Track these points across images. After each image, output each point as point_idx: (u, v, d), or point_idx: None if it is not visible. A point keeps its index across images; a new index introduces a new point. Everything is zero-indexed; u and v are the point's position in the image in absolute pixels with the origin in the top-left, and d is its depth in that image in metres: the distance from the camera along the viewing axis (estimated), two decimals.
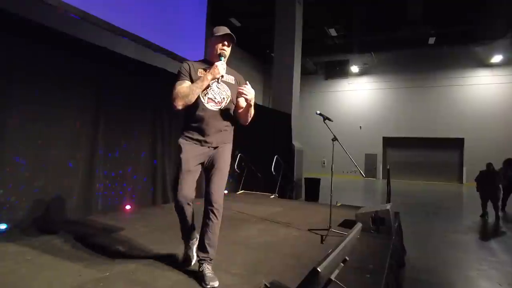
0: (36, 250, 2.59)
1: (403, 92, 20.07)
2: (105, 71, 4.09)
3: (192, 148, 2.18)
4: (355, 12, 14.36)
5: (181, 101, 2.09)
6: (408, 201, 10.77)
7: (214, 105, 2.19)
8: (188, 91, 2.09)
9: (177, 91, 2.10)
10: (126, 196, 4.38)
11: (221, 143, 2.26)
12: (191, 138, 2.19)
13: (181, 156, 2.16)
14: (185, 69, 2.18)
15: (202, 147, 2.20)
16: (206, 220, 2.17)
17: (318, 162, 20.80)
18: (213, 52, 2.23)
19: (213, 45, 2.23)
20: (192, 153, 2.17)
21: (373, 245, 3.18)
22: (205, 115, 2.16)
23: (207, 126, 2.17)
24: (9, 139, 3.14)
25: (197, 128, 2.18)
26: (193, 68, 2.19)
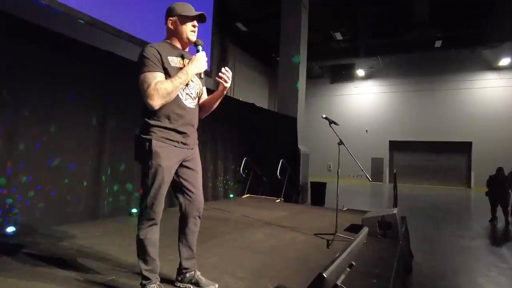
0: (43, 253, 2.61)
1: (409, 96, 19.96)
2: (112, 76, 4.13)
3: (172, 152, 1.83)
4: (361, 15, 14.35)
5: (161, 100, 1.72)
6: (415, 205, 10.66)
7: (191, 102, 1.91)
8: (171, 88, 1.73)
9: (156, 87, 1.70)
10: (131, 200, 4.40)
11: (195, 144, 2.01)
12: (169, 140, 1.82)
13: (161, 164, 1.78)
14: (154, 56, 1.76)
15: (181, 150, 1.88)
16: (192, 227, 2.03)
17: (324, 166, 20.72)
18: (182, 36, 1.89)
19: (182, 27, 1.88)
20: (173, 158, 1.84)
21: (379, 250, 3.15)
22: (184, 113, 1.86)
23: (186, 125, 1.88)
24: (18, 143, 3.19)
25: (175, 128, 1.83)
26: (162, 54, 1.79)
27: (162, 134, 1.81)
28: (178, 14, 1.87)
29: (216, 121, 6.05)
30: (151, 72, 1.74)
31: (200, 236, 3.21)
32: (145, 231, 1.85)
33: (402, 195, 9.93)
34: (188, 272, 2.05)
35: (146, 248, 1.85)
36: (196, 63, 1.84)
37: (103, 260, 2.51)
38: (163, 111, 1.80)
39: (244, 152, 7.02)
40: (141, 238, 1.85)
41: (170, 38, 1.94)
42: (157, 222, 1.89)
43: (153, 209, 1.83)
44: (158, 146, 1.79)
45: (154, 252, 1.89)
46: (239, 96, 13.74)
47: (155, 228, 1.89)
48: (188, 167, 1.96)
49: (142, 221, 1.86)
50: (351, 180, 18.35)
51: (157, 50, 1.78)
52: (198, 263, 2.52)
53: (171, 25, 1.90)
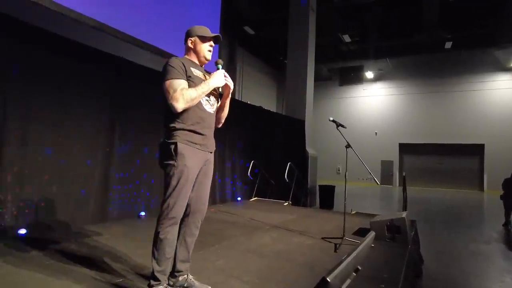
0: (54, 254, 2.65)
1: (419, 98, 19.72)
2: (122, 80, 4.19)
3: (196, 153, 1.97)
4: (369, 17, 14.28)
5: (185, 104, 1.88)
6: (426, 209, 10.50)
7: (210, 108, 2.08)
8: (195, 95, 1.91)
9: (181, 92, 1.87)
10: (141, 202, 4.44)
11: (213, 148, 2.14)
12: (193, 142, 1.96)
13: (186, 164, 1.91)
14: (179, 66, 1.96)
15: (203, 152, 2.02)
16: (193, 229, 2.08)
17: (333, 169, 20.58)
18: (201, 53, 2.10)
19: (201, 45, 2.09)
20: (197, 159, 1.98)
21: (388, 254, 3.11)
22: (204, 116, 2.03)
23: (206, 128, 2.03)
24: (30, 146, 3.26)
25: (197, 130, 1.98)
26: (186, 65, 1.99)
27: (186, 137, 1.95)
28: (197, 35, 2.09)
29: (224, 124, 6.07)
30: (177, 79, 1.92)
31: (207, 239, 3.24)
32: (166, 230, 1.91)
33: (412, 198, 9.78)
34: (181, 275, 2.06)
35: (164, 248, 1.90)
36: (217, 78, 2.04)
37: (112, 262, 2.54)
38: (186, 115, 1.95)
39: (251, 155, 7.03)
40: (161, 237, 1.90)
41: (190, 55, 2.14)
42: (177, 222, 1.96)
43: (175, 209, 1.91)
44: (183, 148, 1.92)
45: (170, 253, 1.94)
46: (246, 99, 13.78)
47: (175, 227, 1.96)
48: (204, 170, 2.07)
49: (163, 220, 1.91)
50: (361, 183, 18.18)
51: (181, 61, 1.99)
52: (204, 266, 2.54)
53: (191, 44, 2.12)
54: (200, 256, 2.71)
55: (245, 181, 6.95)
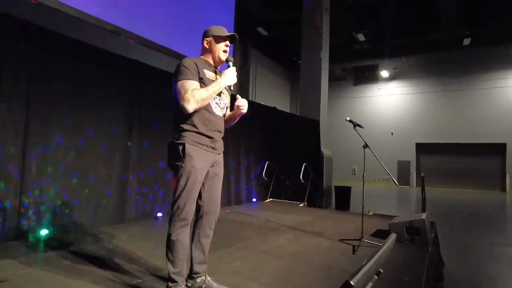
0: (73, 255, 2.70)
1: (436, 96, 19.28)
2: (139, 84, 4.25)
3: (203, 154, 1.97)
4: (384, 16, 14.06)
5: (196, 105, 1.88)
6: (446, 210, 10.25)
7: (220, 111, 2.07)
8: (205, 95, 1.90)
9: (192, 93, 1.86)
10: (158, 203, 4.49)
11: (221, 150, 2.14)
12: (200, 143, 1.96)
13: (194, 165, 1.91)
14: (192, 67, 1.94)
15: (210, 154, 2.02)
16: (208, 231, 2.08)
17: (349, 170, 20.34)
18: (216, 54, 2.08)
19: (216, 46, 2.07)
20: (204, 160, 1.98)
21: (408, 257, 3.04)
22: (213, 119, 2.01)
23: (214, 131, 2.03)
24: (51, 148, 3.34)
25: (205, 132, 1.98)
26: (199, 66, 1.98)
27: (193, 138, 1.95)
28: (213, 35, 2.07)
29: (238, 126, 6.06)
30: (189, 80, 1.91)
31: (223, 240, 3.24)
32: (177, 232, 1.91)
33: (430, 199, 9.56)
34: (198, 277, 2.06)
35: (177, 250, 1.91)
36: (228, 76, 2.02)
37: (130, 262, 2.57)
38: (195, 117, 1.95)
39: (266, 156, 7.01)
40: (173, 239, 1.90)
41: (205, 55, 2.12)
42: (188, 223, 1.96)
43: (186, 210, 1.91)
44: (190, 149, 1.92)
45: (183, 254, 1.94)
46: (260, 100, 13.78)
47: (186, 229, 1.95)
48: (213, 171, 2.07)
49: (174, 222, 1.91)
50: (377, 184, 17.89)
51: (195, 62, 1.98)
52: (220, 267, 2.53)
53: (207, 45, 2.10)
54: (216, 258, 2.71)
55: (260, 183, 6.93)
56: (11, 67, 3.05)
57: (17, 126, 3.08)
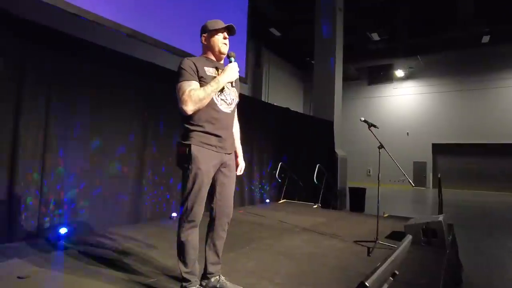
0: (89, 254, 2.76)
1: (454, 96, 18.86)
2: (153, 85, 4.32)
3: (210, 156, 1.92)
4: (399, 14, 13.84)
5: (194, 106, 1.84)
6: (464, 212, 10.00)
7: (227, 107, 2.00)
8: (203, 95, 1.85)
9: (189, 94, 1.84)
10: (173, 203, 4.55)
11: (232, 149, 2.09)
12: (207, 144, 1.92)
13: (200, 167, 1.87)
14: (190, 67, 1.91)
15: (218, 154, 1.97)
16: (221, 233, 2.06)
17: (363, 171, 20.10)
18: (215, 48, 2.02)
19: (214, 39, 2.02)
20: (211, 162, 1.93)
21: (424, 259, 2.98)
22: (220, 117, 1.96)
23: (222, 130, 1.97)
24: (70, 151, 3.43)
25: (212, 131, 1.93)
26: (198, 65, 1.94)
27: (200, 138, 1.91)
28: (209, 29, 2.02)
29: (251, 126, 6.10)
30: (187, 81, 1.89)
31: (236, 240, 3.26)
32: (186, 233, 1.93)
33: (448, 201, 9.35)
34: (213, 277, 2.07)
35: (187, 250, 1.92)
36: (228, 73, 1.96)
37: (145, 262, 2.61)
38: (200, 116, 1.91)
39: (279, 157, 7.00)
40: (182, 240, 1.92)
41: (206, 52, 2.08)
42: (197, 225, 1.96)
43: (193, 212, 1.91)
44: (197, 150, 1.89)
45: (194, 254, 1.95)
46: (273, 100, 13.77)
47: (195, 230, 1.96)
48: (223, 172, 2.03)
49: (183, 223, 1.93)
50: (392, 186, 17.62)
51: (193, 62, 1.93)
52: (235, 267, 2.55)
53: (205, 41, 2.06)
54: (230, 258, 2.72)
55: (273, 183, 6.93)
56: (33, 71, 3.15)
57: (38, 126, 3.18)
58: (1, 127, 2.94)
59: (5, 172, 2.96)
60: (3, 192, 2.94)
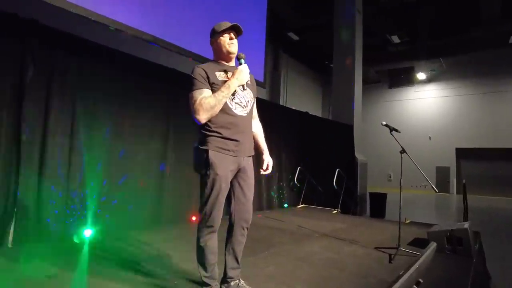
0: (114, 255, 2.83)
1: (478, 98, 18.21)
2: (174, 91, 4.41)
3: (228, 161, 1.92)
4: (420, 16, 13.54)
5: (206, 114, 1.85)
6: (490, 220, 9.62)
7: (242, 110, 1.98)
8: (214, 102, 1.84)
9: (200, 103, 1.84)
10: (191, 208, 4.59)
11: (250, 153, 2.07)
12: (224, 149, 1.91)
13: (218, 173, 1.87)
14: (200, 75, 1.91)
15: (236, 158, 1.95)
16: (239, 237, 2.05)
17: (384, 176, 19.67)
18: (222, 50, 2.00)
19: (220, 41, 1.99)
20: (228, 167, 1.92)
21: (450, 268, 2.89)
22: (235, 121, 1.94)
23: (239, 134, 1.95)
24: (94, 156, 3.54)
25: (228, 136, 1.92)
26: (208, 72, 1.93)
27: (217, 144, 1.90)
28: (216, 32, 2.01)
29: (270, 130, 6.08)
30: (198, 89, 1.89)
31: (255, 245, 3.26)
32: (205, 238, 1.94)
33: (473, 207, 9.03)
34: (232, 281, 2.07)
35: (206, 255, 1.94)
36: (238, 76, 1.93)
37: (165, 266, 2.65)
38: (216, 121, 1.91)
39: (298, 161, 6.97)
40: (201, 245, 1.94)
41: (215, 56, 2.09)
42: (215, 230, 1.97)
43: (212, 217, 1.92)
44: (214, 156, 1.89)
45: (213, 259, 1.97)
46: (292, 105, 13.72)
47: (214, 235, 1.97)
48: (241, 177, 2.03)
49: (202, 228, 1.95)
50: (414, 191, 17.16)
51: (203, 69, 1.93)
52: (254, 272, 2.55)
53: (213, 44, 2.07)
54: (249, 262, 2.72)
55: (291, 188, 6.89)
56: (60, 78, 3.28)
57: (64, 131, 3.31)
58: (32, 132, 3.07)
59: (36, 175, 3.09)
60: (31, 194, 3.07)
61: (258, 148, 2.23)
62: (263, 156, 2.22)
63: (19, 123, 2.97)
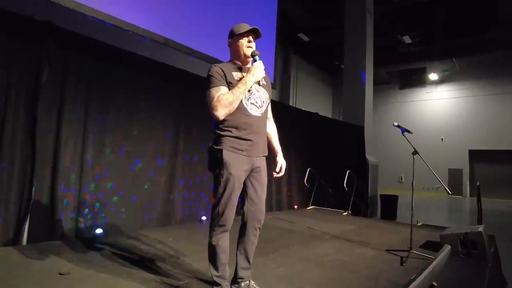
0: (122, 254, 2.85)
1: (491, 100, 17.83)
2: (185, 91, 4.44)
3: (241, 161, 1.92)
4: (433, 16, 13.33)
5: (224, 110, 1.85)
6: (505, 223, 9.41)
7: (257, 110, 1.99)
8: (231, 98, 1.85)
9: (218, 99, 1.85)
10: (202, 207, 4.62)
11: (263, 153, 2.08)
12: (238, 149, 1.92)
13: (231, 172, 1.88)
14: (217, 73, 1.93)
15: (250, 158, 1.96)
16: (252, 238, 2.06)
17: (395, 178, 19.42)
18: (240, 52, 2.03)
19: (239, 43, 2.02)
20: (242, 167, 1.93)
21: (464, 272, 2.84)
22: (250, 121, 1.95)
23: (253, 134, 1.96)
24: (106, 156, 3.59)
25: (243, 136, 1.93)
26: (225, 71, 1.95)
27: (231, 143, 1.91)
28: (235, 33, 2.03)
29: (280, 131, 6.05)
30: (215, 87, 1.91)
31: (265, 246, 3.25)
32: (217, 237, 1.94)
33: (487, 210, 8.84)
34: (243, 281, 2.07)
35: (217, 254, 1.94)
36: (254, 72, 1.94)
37: (176, 264, 2.66)
38: (231, 121, 1.92)
39: (308, 163, 6.93)
40: (213, 244, 1.94)
41: (232, 57, 2.10)
42: (228, 229, 1.97)
43: (224, 216, 1.92)
44: (228, 155, 1.90)
45: (224, 258, 1.97)
46: (302, 106, 13.68)
47: (226, 235, 1.97)
48: (255, 177, 2.03)
49: (214, 228, 1.95)
50: (426, 193, 16.91)
51: (220, 68, 1.96)
52: (264, 273, 2.54)
53: (231, 45, 2.09)
54: (259, 263, 2.71)
55: (301, 189, 6.86)
56: (73, 80, 3.34)
57: (77, 132, 3.36)
58: (46, 133, 3.13)
59: (49, 175, 3.14)
60: (45, 193, 3.13)
61: (272, 150, 2.24)
62: (276, 158, 2.23)
63: (34, 123, 3.03)
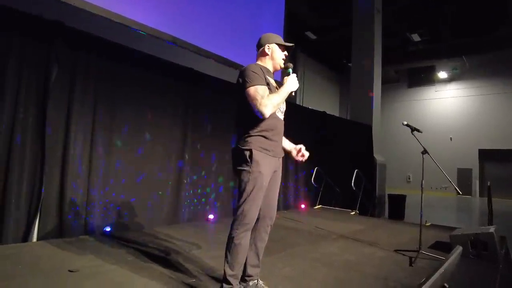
0: (133, 251, 2.88)
1: (503, 98, 17.53)
2: (194, 90, 4.45)
3: (270, 161, 1.99)
4: (442, 13, 13.16)
5: (272, 110, 1.91)
6: None
7: (281, 114, 2.10)
8: (279, 100, 1.95)
9: (269, 98, 1.90)
10: (209, 206, 4.63)
11: (282, 154, 2.15)
12: (266, 150, 1.97)
13: (261, 171, 1.92)
14: (261, 71, 1.99)
15: (275, 159, 2.04)
16: (263, 234, 2.08)
17: (403, 177, 19.23)
18: (276, 61, 2.12)
19: (278, 53, 2.11)
20: (270, 167, 2.00)
21: (475, 273, 2.79)
22: (277, 123, 2.04)
23: (278, 135, 2.07)
24: (115, 155, 3.62)
25: (270, 137, 2.00)
26: (264, 72, 2.01)
27: (261, 144, 1.96)
28: (276, 42, 2.10)
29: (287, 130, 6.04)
30: (262, 85, 1.92)
31: (272, 245, 3.23)
32: (240, 236, 1.92)
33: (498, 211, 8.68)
34: (251, 280, 2.06)
35: (237, 254, 1.92)
36: (292, 83, 2.02)
37: (185, 262, 2.67)
38: (262, 122, 1.96)
39: (315, 162, 6.89)
40: (236, 243, 1.91)
41: (264, 61, 2.12)
42: (250, 228, 1.97)
43: (250, 215, 1.93)
44: (257, 155, 1.93)
45: (242, 258, 1.96)
46: (309, 104, 13.62)
47: (248, 234, 1.97)
48: (273, 177, 2.07)
49: (238, 226, 1.93)
50: (434, 193, 16.72)
51: (260, 68, 2.01)
52: (272, 272, 2.54)
53: (268, 50, 2.11)
54: (267, 262, 2.70)
55: (309, 188, 6.83)
56: (81, 78, 3.36)
57: (86, 131, 3.39)
58: (55, 131, 3.16)
59: (58, 173, 3.18)
60: (55, 191, 3.16)
61: (285, 148, 2.25)
62: (293, 147, 2.24)
63: (43, 122, 3.07)
